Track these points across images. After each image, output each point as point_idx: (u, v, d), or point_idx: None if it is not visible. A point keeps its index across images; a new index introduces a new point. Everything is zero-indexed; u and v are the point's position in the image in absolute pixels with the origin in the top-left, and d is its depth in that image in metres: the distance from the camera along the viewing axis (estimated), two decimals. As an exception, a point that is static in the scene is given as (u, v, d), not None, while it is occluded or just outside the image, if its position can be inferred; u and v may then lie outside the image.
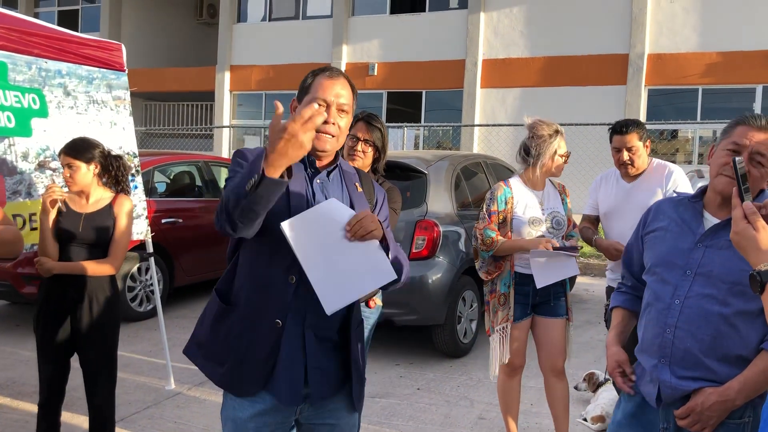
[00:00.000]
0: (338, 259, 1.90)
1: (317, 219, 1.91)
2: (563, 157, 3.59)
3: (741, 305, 1.94)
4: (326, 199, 2.02)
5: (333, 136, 2.03)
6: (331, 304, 1.90)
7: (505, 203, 3.56)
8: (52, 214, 3.25)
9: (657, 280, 2.10)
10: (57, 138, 4.04)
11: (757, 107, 13.71)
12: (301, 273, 1.90)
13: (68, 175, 3.29)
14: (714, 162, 2.05)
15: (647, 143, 3.69)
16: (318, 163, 2.08)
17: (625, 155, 3.62)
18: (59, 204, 3.24)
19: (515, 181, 3.64)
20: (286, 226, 1.86)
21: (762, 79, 13.62)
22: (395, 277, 1.95)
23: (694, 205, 2.12)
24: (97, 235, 3.33)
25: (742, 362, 1.95)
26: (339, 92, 2.02)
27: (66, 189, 3.39)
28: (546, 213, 3.56)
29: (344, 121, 2.05)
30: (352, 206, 2.08)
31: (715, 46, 13.95)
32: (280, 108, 1.67)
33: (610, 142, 3.73)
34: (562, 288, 3.62)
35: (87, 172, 3.32)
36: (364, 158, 3.34)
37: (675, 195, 2.28)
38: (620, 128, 3.64)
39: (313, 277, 1.88)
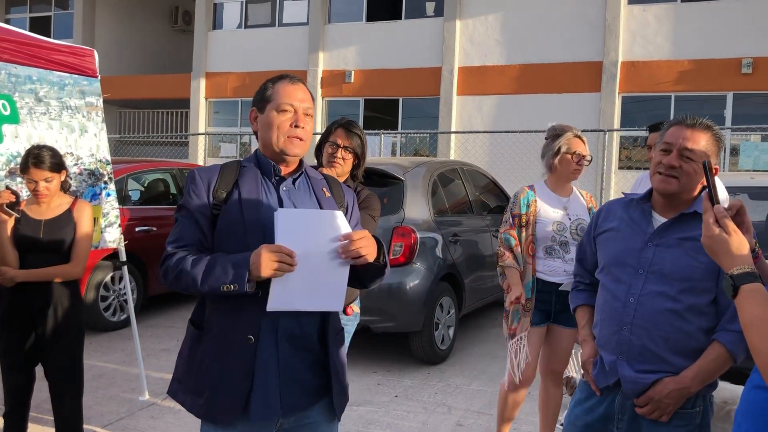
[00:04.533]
0: (307, 268, 1.88)
1: (314, 221, 1.91)
2: (573, 157, 3.51)
3: (691, 300, 2.06)
4: (293, 206, 2.05)
5: (302, 140, 2.07)
6: (274, 303, 1.88)
7: (528, 206, 3.51)
8: (10, 222, 3.20)
9: (611, 279, 2.21)
10: (29, 144, 3.98)
11: (728, 114, 13.93)
12: (266, 285, 1.90)
13: (45, 187, 3.24)
14: (651, 162, 2.20)
15: None
16: (284, 171, 2.10)
17: None
18: (14, 213, 3.19)
19: (539, 185, 3.59)
20: (281, 213, 1.87)
21: (732, 86, 13.85)
22: (341, 309, 2.03)
23: (642, 205, 2.23)
24: (59, 240, 3.28)
25: (696, 353, 2.07)
26: (302, 97, 2.08)
27: (24, 197, 3.36)
28: (571, 219, 3.50)
29: (309, 125, 2.09)
30: (320, 208, 2.10)
31: (686, 54, 14.16)
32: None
33: (646, 141, 3.77)
34: None
35: (59, 181, 3.33)
36: (343, 165, 3.32)
37: (624, 196, 2.39)
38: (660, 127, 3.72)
39: None
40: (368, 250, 1.93)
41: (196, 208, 2.02)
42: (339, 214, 1.94)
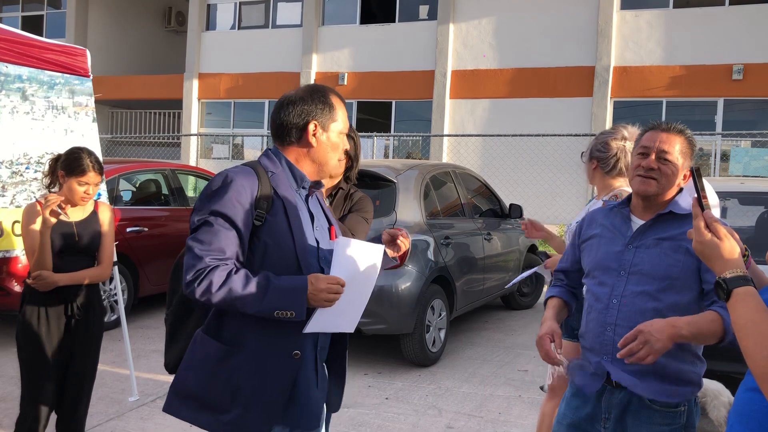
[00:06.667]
0: (348, 295, 1.92)
1: (365, 253, 1.99)
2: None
3: (672, 299, 2.11)
4: (325, 218, 2.13)
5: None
6: (313, 327, 1.92)
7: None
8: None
9: (595, 283, 2.27)
10: (5, 144, 3.96)
11: (719, 119, 14.02)
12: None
13: (89, 191, 3.23)
14: (630, 166, 2.25)
15: None
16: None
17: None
18: (63, 213, 3.16)
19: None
20: (341, 242, 1.93)
21: (723, 92, 13.94)
22: (353, 330, 2.07)
23: (621, 210, 2.30)
24: (91, 242, 3.28)
25: (679, 351, 2.11)
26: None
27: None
28: (577, 221, 3.41)
29: None
30: (329, 221, 2.16)
31: (678, 59, 14.25)
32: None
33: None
34: None
35: None
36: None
37: (605, 204, 2.47)
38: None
39: None
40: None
41: (239, 218, 1.89)
42: (382, 248, 2.03)
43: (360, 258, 1.95)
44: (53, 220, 3.08)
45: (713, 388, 3.89)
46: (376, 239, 2.28)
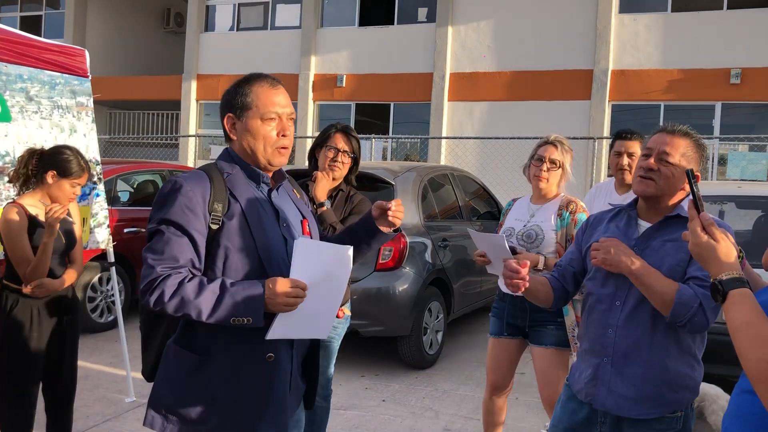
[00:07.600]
0: (312, 299, 1.84)
1: (328, 255, 1.89)
2: (534, 162, 3.44)
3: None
4: (285, 215, 2.01)
5: (287, 149, 2.00)
6: (275, 333, 1.84)
7: (503, 215, 3.63)
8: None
9: (598, 284, 2.25)
10: (19, 143, 3.94)
11: (716, 123, 14.03)
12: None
13: (77, 191, 3.19)
14: (635, 168, 2.27)
15: None
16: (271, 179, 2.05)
17: (625, 160, 3.74)
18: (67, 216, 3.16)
19: (524, 197, 3.60)
20: (301, 243, 1.84)
21: (721, 96, 13.96)
22: (326, 337, 2.00)
23: (629, 213, 2.29)
24: (69, 242, 3.27)
25: (679, 352, 2.12)
26: (285, 102, 1.98)
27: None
28: (526, 225, 3.40)
29: (293, 131, 2.02)
30: (301, 214, 2.08)
31: (676, 63, 14.26)
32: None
33: (611, 148, 3.88)
34: (552, 315, 3.31)
35: None
36: (342, 169, 3.34)
37: (611, 207, 2.43)
38: (625, 134, 3.82)
39: None
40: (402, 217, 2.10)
41: (190, 225, 1.84)
42: (349, 249, 1.90)
43: (323, 260, 1.86)
44: (56, 228, 3.02)
45: (712, 392, 3.89)
46: (368, 218, 2.18)
